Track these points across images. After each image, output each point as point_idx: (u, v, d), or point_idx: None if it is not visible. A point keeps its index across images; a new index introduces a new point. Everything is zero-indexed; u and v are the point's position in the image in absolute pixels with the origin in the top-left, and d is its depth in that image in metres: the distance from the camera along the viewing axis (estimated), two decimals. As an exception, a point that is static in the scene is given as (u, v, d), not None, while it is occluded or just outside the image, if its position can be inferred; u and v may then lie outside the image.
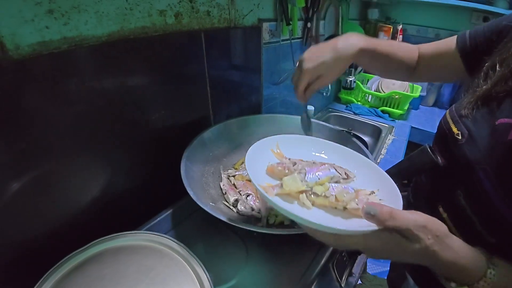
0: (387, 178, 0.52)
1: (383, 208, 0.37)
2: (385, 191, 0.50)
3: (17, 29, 0.45)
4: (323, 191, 0.46)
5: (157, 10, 0.63)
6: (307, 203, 0.46)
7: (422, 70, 0.71)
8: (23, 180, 0.50)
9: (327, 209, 0.46)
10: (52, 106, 0.51)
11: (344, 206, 0.45)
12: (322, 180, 0.48)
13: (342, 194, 0.45)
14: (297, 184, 0.46)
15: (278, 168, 0.51)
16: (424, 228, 0.36)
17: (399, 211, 0.37)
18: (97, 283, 0.47)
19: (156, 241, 0.55)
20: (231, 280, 0.57)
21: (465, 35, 0.60)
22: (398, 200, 0.45)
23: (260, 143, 0.57)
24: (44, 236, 0.56)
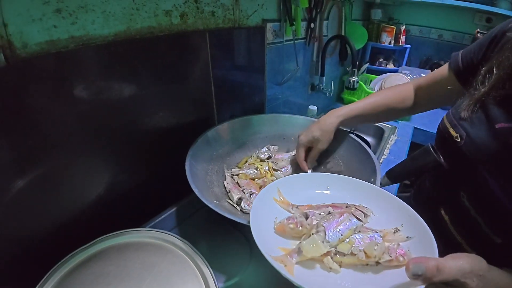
0: (404, 206, 0.48)
1: (429, 263, 0.34)
2: (408, 223, 0.45)
3: (25, 28, 0.45)
4: (350, 249, 0.41)
5: (163, 10, 0.64)
6: (335, 266, 0.40)
7: (422, 102, 0.74)
8: (29, 177, 0.51)
9: (356, 267, 0.41)
10: (58, 105, 0.52)
11: (376, 261, 0.40)
12: (345, 236, 0.42)
13: (372, 248, 0.40)
14: (319, 248, 0.40)
15: (290, 226, 0.45)
16: (470, 273, 0.36)
17: (444, 261, 0.35)
18: (102, 279, 0.48)
19: (161, 238, 0.55)
20: (234, 277, 0.57)
21: (457, 56, 0.62)
22: (427, 233, 0.41)
23: (261, 194, 0.51)
24: (49, 232, 0.56)
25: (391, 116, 0.81)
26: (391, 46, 1.90)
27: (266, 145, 0.87)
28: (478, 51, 0.57)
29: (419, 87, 0.73)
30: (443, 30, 1.95)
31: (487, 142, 0.48)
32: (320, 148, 0.74)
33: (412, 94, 0.74)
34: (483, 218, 0.49)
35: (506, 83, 0.47)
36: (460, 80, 0.61)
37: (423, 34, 2.01)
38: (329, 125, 0.72)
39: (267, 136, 0.89)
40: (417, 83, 0.74)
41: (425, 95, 0.73)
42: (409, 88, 0.75)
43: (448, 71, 0.64)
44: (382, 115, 0.76)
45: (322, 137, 0.72)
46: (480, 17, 1.79)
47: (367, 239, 0.42)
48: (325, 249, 0.40)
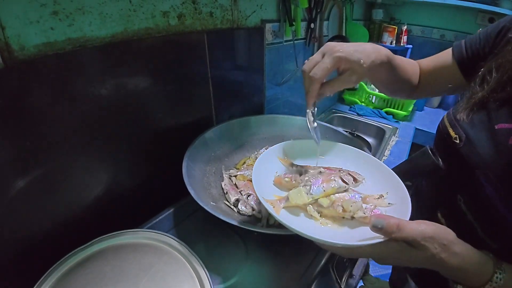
0: (396, 179, 0.52)
1: (390, 220, 0.37)
2: (394, 193, 0.50)
3: (22, 30, 0.46)
4: (329, 203, 0.47)
5: (161, 11, 0.64)
6: (315, 214, 0.47)
7: (422, 87, 0.69)
8: (28, 178, 0.51)
9: (335, 219, 0.47)
10: (57, 106, 0.52)
11: (351, 215, 0.46)
12: (328, 192, 0.48)
13: (348, 204, 0.46)
14: (303, 197, 0.47)
15: (285, 179, 0.52)
16: (431, 238, 0.37)
17: (406, 222, 0.37)
18: (99, 279, 0.48)
19: (157, 239, 0.56)
20: (230, 279, 0.57)
21: (461, 44, 0.60)
22: (407, 203, 0.45)
23: (267, 152, 0.58)
24: (48, 233, 0.57)
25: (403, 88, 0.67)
26: (393, 46, 1.89)
27: (265, 146, 0.87)
28: (484, 42, 0.55)
29: (423, 71, 0.68)
30: (445, 30, 1.94)
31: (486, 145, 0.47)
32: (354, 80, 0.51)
33: (418, 74, 0.68)
34: (479, 222, 0.48)
35: (507, 87, 0.46)
36: (462, 70, 0.59)
37: (425, 34, 2.00)
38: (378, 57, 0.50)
39: (266, 137, 0.90)
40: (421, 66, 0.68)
41: (426, 81, 0.68)
42: (417, 67, 0.68)
43: (451, 60, 0.61)
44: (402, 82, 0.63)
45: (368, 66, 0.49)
46: (482, 17, 1.78)
47: (348, 197, 0.47)
48: (307, 199, 0.47)
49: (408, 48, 1.94)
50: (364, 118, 1.63)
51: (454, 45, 0.62)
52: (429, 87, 0.69)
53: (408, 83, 0.65)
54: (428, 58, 0.68)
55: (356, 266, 0.74)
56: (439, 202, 0.58)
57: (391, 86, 0.67)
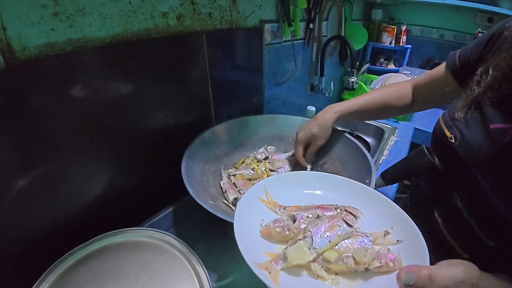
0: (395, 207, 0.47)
1: (421, 273, 0.34)
2: (399, 226, 0.45)
3: (23, 31, 0.46)
4: (337, 257, 0.39)
5: (160, 12, 0.65)
6: (322, 274, 0.39)
7: (419, 101, 0.74)
8: (29, 177, 0.52)
9: (345, 274, 0.40)
10: (57, 106, 0.53)
11: (366, 267, 0.39)
12: (333, 242, 0.41)
13: (361, 255, 0.39)
14: (305, 255, 0.39)
15: (276, 230, 0.43)
16: (463, 282, 0.35)
17: (437, 269, 0.35)
18: (99, 277, 0.49)
19: (157, 237, 0.56)
20: (229, 277, 0.58)
21: (455, 55, 0.62)
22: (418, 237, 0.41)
23: (246, 196, 0.49)
24: (48, 231, 0.57)
25: (389, 113, 0.82)
26: (392, 46, 1.89)
27: (264, 146, 0.88)
28: (475, 50, 0.56)
29: (417, 85, 0.73)
30: (444, 30, 1.94)
31: (481, 143, 0.47)
32: (319, 144, 0.74)
33: (410, 92, 0.74)
34: (476, 221, 0.48)
35: (502, 84, 0.47)
36: (457, 79, 0.61)
37: (424, 34, 2.01)
38: (327, 121, 0.72)
39: (265, 136, 0.90)
40: (415, 82, 0.74)
41: (423, 94, 0.72)
42: (407, 86, 0.75)
43: (445, 70, 0.64)
44: (380, 112, 0.77)
45: (320, 133, 0.73)
46: (481, 17, 1.79)
47: (357, 244, 0.41)
48: (311, 257, 0.39)
49: (407, 48, 1.94)
50: (363, 117, 1.63)
51: (448, 56, 0.64)
52: (426, 100, 0.73)
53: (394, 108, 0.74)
54: (423, 74, 0.73)
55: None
56: (435, 201, 0.58)
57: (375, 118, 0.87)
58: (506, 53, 0.47)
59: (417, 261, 0.38)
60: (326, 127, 0.73)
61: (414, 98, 0.74)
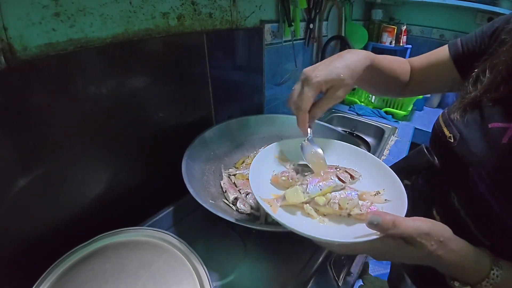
0: (392, 175, 0.52)
1: (386, 217, 0.37)
2: (391, 189, 0.50)
3: (25, 31, 0.47)
4: (325, 202, 0.47)
5: (160, 12, 0.65)
6: (312, 212, 0.47)
7: (415, 84, 0.69)
8: (30, 176, 0.52)
9: (332, 216, 0.48)
10: (58, 106, 0.53)
11: (348, 213, 0.46)
12: (324, 191, 0.48)
13: (345, 202, 0.46)
14: (299, 196, 0.47)
15: (282, 178, 0.52)
16: (427, 235, 0.37)
17: (402, 219, 0.37)
18: (99, 276, 0.49)
19: (157, 237, 0.56)
20: (229, 276, 0.58)
21: (457, 42, 0.60)
22: (403, 199, 0.46)
23: (264, 151, 0.58)
24: (49, 230, 0.58)
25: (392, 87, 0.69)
26: (392, 46, 1.89)
27: (264, 146, 0.88)
28: (480, 40, 0.55)
29: (414, 67, 0.68)
30: (444, 30, 1.94)
31: (479, 144, 0.47)
32: (341, 95, 0.51)
33: (409, 71, 0.68)
34: (472, 220, 0.48)
35: (500, 87, 0.46)
36: (458, 67, 0.59)
37: (425, 34, 2.01)
38: (359, 65, 0.52)
39: (265, 136, 0.90)
40: (413, 64, 0.68)
41: (419, 77, 0.68)
42: (408, 65, 0.68)
43: (447, 57, 0.61)
44: (390, 81, 0.65)
45: (348, 79, 0.50)
46: (481, 17, 1.78)
47: (344, 195, 0.48)
48: (303, 198, 0.47)
49: (407, 48, 1.94)
50: (364, 118, 1.63)
51: (449, 43, 0.62)
52: (422, 84, 0.69)
53: (396, 82, 0.66)
54: (421, 56, 0.67)
55: (354, 264, 0.74)
56: (434, 199, 0.58)
57: (379, 87, 0.69)
58: (505, 57, 0.46)
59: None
60: (357, 73, 0.52)
61: (411, 80, 0.69)
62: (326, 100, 0.52)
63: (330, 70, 0.49)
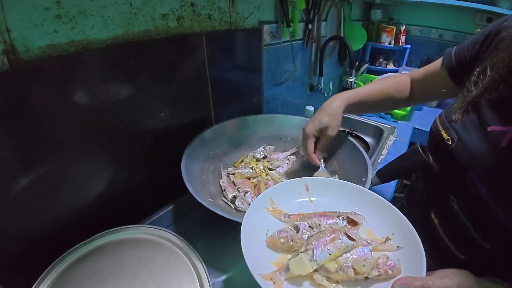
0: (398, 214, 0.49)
1: (414, 283, 0.36)
2: (400, 232, 0.46)
3: (27, 33, 0.47)
4: (337, 267, 0.41)
5: (160, 14, 0.66)
6: (324, 283, 0.41)
7: (417, 95, 0.73)
8: (31, 175, 0.53)
9: (346, 282, 0.42)
10: (60, 106, 0.54)
11: (365, 277, 0.41)
12: (334, 254, 0.43)
13: (360, 265, 0.41)
14: (306, 267, 0.41)
15: (280, 240, 0.46)
16: None
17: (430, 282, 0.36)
18: (100, 273, 0.50)
19: (156, 234, 0.57)
20: (227, 273, 0.59)
21: (451, 53, 0.61)
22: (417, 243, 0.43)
23: (252, 206, 0.51)
24: (50, 229, 0.58)
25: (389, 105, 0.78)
26: (391, 47, 1.90)
27: (263, 145, 0.89)
28: (471, 49, 0.56)
29: (414, 80, 0.72)
30: (443, 30, 1.95)
31: (478, 146, 0.47)
32: (331, 134, 0.68)
33: (409, 86, 0.73)
34: (472, 223, 0.48)
35: (500, 85, 0.46)
36: (452, 78, 0.60)
37: (424, 34, 2.01)
38: (336, 108, 0.67)
39: (264, 136, 0.91)
40: (412, 76, 0.73)
41: (420, 89, 0.72)
42: (406, 79, 0.73)
43: (441, 67, 0.63)
44: (382, 103, 0.74)
45: (331, 121, 0.67)
46: (481, 17, 1.79)
47: (356, 255, 0.43)
48: (311, 268, 0.41)
49: (406, 48, 1.95)
50: (363, 117, 1.64)
51: (445, 53, 0.63)
52: (423, 95, 0.73)
53: (394, 100, 0.73)
54: (420, 69, 0.71)
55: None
56: (432, 202, 0.58)
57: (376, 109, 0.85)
58: (504, 54, 0.46)
59: (415, 267, 0.40)
60: (336, 114, 0.67)
61: (412, 92, 0.73)
62: (321, 143, 0.71)
63: (316, 122, 0.68)
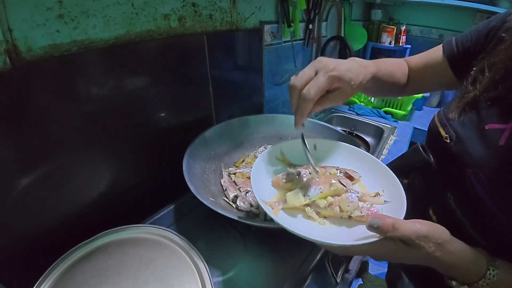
0: (392, 176, 0.53)
1: (386, 220, 0.38)
2: (390, 191, 0.51)
3: (29, 33, 0.48)
4: (326, 204, 0.47)
5: (162, 14, 0.66)
6: (313, 215, 0.47)
7: (412, 84, 0.69)
8: (34, 175, 0.53)
9: (333, 219, 0.48)
10: (62, 105, 0.54)
11: (348, 215, 0.47)
12: (324, 193, 0.48)
13: (345, 204, 0.46)
14: (300, 199, 0.47)
15: (283, 180, 0.52)
16: (425, 237, 0.38)
17: (402, 221, 0.38)
18: (102, 272, 0.50)
19: (158, 234, 0.57)
20: (229, 272, 0.59)
21: (451, 42, 0.59)
22: (403, 201, 0.46)
23: (265, 152, 0.58)
24: (52, 228, 0.59)
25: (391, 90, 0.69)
26: (391, 47, 1.90)
27: (264, 145, 0.89)
28: (476, 40, 0.54)
29: (411, 67, 0.68)
30: (443, 30, 1.95)
31: (475, 145, 0.47)
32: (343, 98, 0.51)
33: (407, 72, 0.68)
34: (468, 220, 0.48)
35: (499, 86, 0.46)
36: (453, 67, 0.59)
37: (424, 34, 2.01)
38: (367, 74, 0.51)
39: (265, 136, 0.91)
40: (408, 62, 0.68)
41: (416, 76, 0.68)
42: (405, 65, 0.68)
43: (441, 57, 0.61)
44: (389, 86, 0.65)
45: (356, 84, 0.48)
46: (481, 17, 1.79)
47: (344, 197, 0.48)
48: (304, 201, 0.47)
49: (407, 48, 1.95)
50: (363, 117, 1.64)
51: (444, 42, 0.61)
52: (419, 84, 0.69)
53: (395, 86, 0.66)
54: (418, 56, 0.67)
55: (352, 261, 0.75)
56: (430, 199, 0.58)
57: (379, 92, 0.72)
58: (503, 55, 0.46)
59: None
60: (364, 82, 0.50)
61: (409, 80, 0.69)
62: (329, 100, 0.50)
63: (346, 71, 0.47)
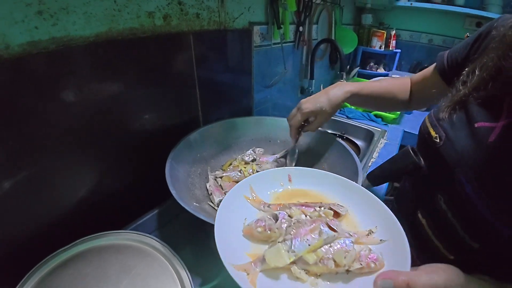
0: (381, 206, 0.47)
1: (398, 278, 0.33)
2: (384, 226, 0.44)
3: (7, 30, 0.46)
4: (317, 259, 0.38)
5: (146, 11, 0.64)
6: (301, 276, 0.38)
7: (415, 99, 0.75)
8: (14, 178, 0.51)
9: (326, 276, 0.39)
10: (41, 106, 0.52)
11: (346, 269, 0.38)
12: (314, 246, 0.39)
13: (341, 257, 0.38)
14: (283, 258, 0.38)
15: (258, 229, 0.42)
16: None
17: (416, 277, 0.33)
18: (80, 280, 0.48)
19: (140, 240, 0.55)
20: (212, 281, 0.57)
21: (443, 56, 0.62)
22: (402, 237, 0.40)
23: (230, 193, 0.48)
24: (30, 234, 0.56)
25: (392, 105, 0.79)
26: (382, 51, 1.92)
27: (252, 148, 0.88)
28: (463, 50, 0.57)
29: (413, 82, 0.75)
30: (433, 34, 1.98)
31: (465, 144, 0.47)
32: (322, 121, 0.70)
33: (409, 89, 0.75)
34: (459, 222, 0.48)
35: (489, 84, 0.46)
36: (445, 80, 0.61)
37: (414, 39, 2.04)
38: (338, 98, 0.68)
39: (253, 138, 0.90)
40: (411, 79, 0.76)
41: (417, 92, 0.74)
42: (408, 82, 0.76)
43: (433, 70, 0.65)
44: (386, 101, 0.76)
45: (329, 109, 0.68)
46: (470, 22, 1.82)
47: (337, 246, 0.40)
48: (288, 260, 0.38)
49: (396, 53, 1.97)
50: (354, 121, 1.64)
51: (438, 55, 0.64)
52: (420, 98, 0.74)
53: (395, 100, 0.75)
54: (419, 73, 0.73)
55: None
56: (419, 202, 0.58)
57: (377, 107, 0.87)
58: (493, 53, 0.46)
59: (399, 262, 0.37)
60: (336, 105, 0.68)
61: (411, 95, 0.75)
62: (313, 125, 0.72)
63: (315, 103, 0.68)
